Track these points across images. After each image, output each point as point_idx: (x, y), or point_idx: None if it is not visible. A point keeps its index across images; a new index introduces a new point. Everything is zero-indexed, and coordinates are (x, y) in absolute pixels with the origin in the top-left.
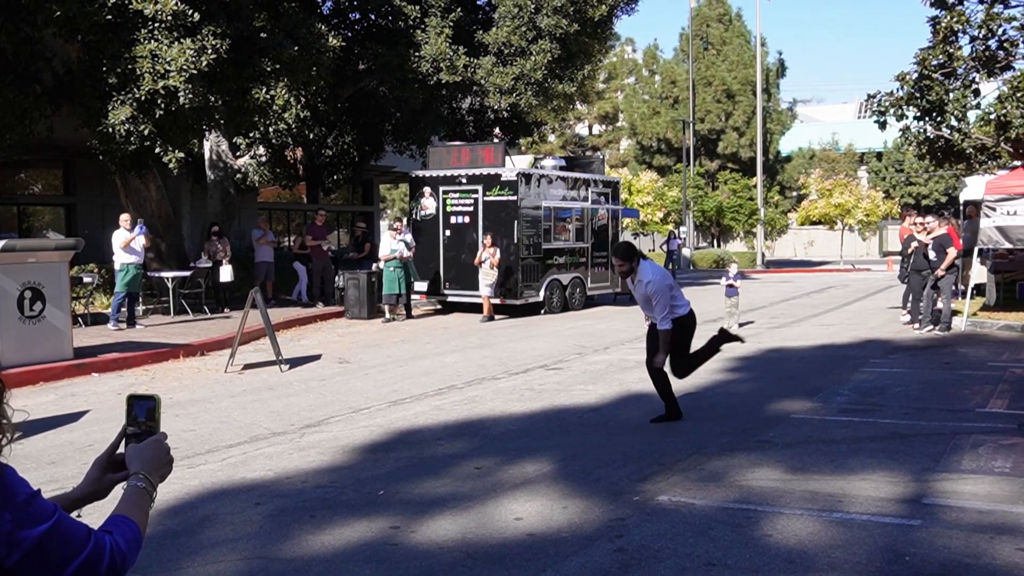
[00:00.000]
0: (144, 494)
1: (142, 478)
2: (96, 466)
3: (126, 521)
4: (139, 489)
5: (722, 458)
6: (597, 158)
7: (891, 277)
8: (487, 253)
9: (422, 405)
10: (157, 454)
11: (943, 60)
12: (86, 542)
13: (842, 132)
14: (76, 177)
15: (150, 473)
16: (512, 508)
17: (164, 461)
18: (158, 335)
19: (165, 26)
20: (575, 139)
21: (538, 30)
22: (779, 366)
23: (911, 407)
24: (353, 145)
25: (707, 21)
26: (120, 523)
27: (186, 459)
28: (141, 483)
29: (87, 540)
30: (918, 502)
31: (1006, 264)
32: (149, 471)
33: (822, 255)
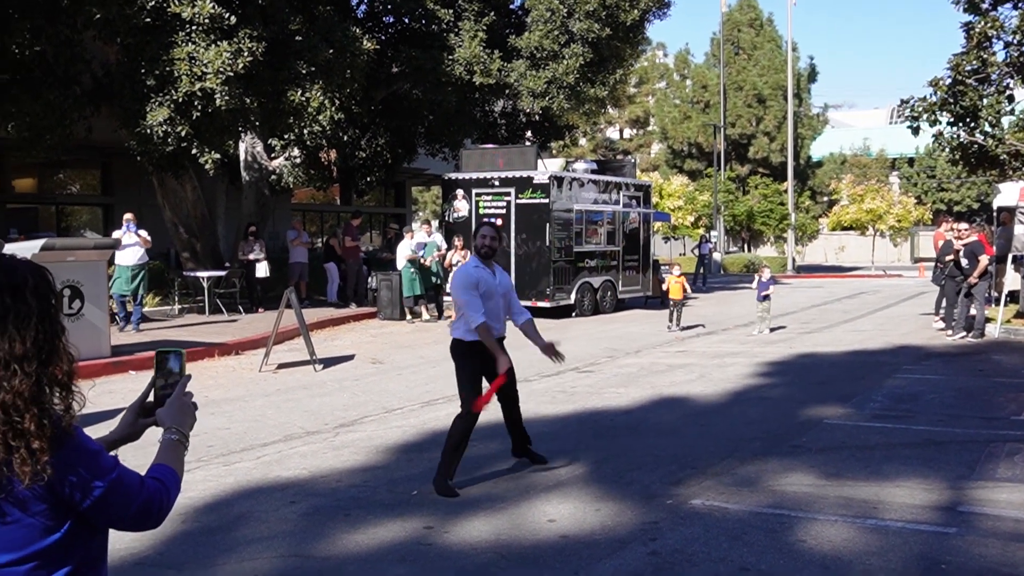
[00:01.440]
0: (178, 445)
1: (175, 431)
2: (130, 411)
3: (168, 468)
4: (173, 441)
5: (755, 463)
6: (629, 162)
7: (923, 283)
8: (458, 256)
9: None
10: (182, 409)
11: (977, 66)
12: (141, 489)
13: (874, 137)
14: (114, 177)
15: (181, 426)
16: (545, 510)
17: (189, 413)
18: (193, 334)
19: (202, 29)
20: (606, 143)
21: (570, 34)
22: (811, 371)
23: (945, 414)
24: (386, 147)
25: (738, 26)
26: (163, 470)
27: (221, 457)
28: (175, 435)
29: (141, 487)
30: (953, 510)
31: None
32: (180, 424)
33: (853, 260)
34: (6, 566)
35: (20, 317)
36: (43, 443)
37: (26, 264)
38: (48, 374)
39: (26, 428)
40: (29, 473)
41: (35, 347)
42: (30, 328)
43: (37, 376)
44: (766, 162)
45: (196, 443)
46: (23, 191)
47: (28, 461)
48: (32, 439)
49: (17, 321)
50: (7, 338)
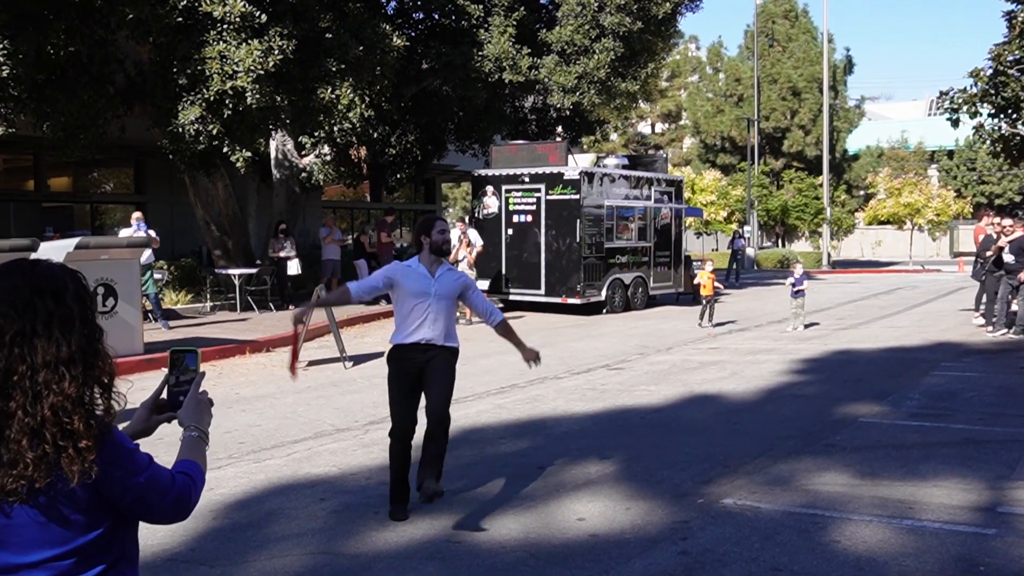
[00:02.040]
0: (199, 441)
1: (194, 428)
2: (144, 408)
3: (193, 463)
4: (194, 438)
5: (788, 461)
6: (660, 157)
7: (962, 278)
8: (463, 252)
9: (484, 403)
10: (199, 407)
11: (1019, 55)
12: (173, 483)
13: (912, 130)
14: (147, 176)
15: (199, 423)
16: (575, 508)
17: (206, 410)
18: (225, 331)
19: (233, 27)
20: (638, 137)
21: (601, 28)
22: (847, 368)
23: (985, 412)
24: (416, 144)
25: (772, 18)
26: (189, 465)
27: (252, 454)
28: (195, 433)
29: (173, 482)
30: (992, 510)
31: None
32: (198, 422)
33: (890, 255)
34: (49, 561)
35: (64, 321)
36: (90, 442)
37: (64, 269)
38: (91, 375)
39: (75, 428)
40: (77, 472)
41: (79, 350)
42: (73, 332)
43: (83, 378)
44: (801, 156)
45: (228, 440)
46: (58, 190)
47: (76, 460)
48: (80, 439)
49: (62, 325)
50: (53, 342)
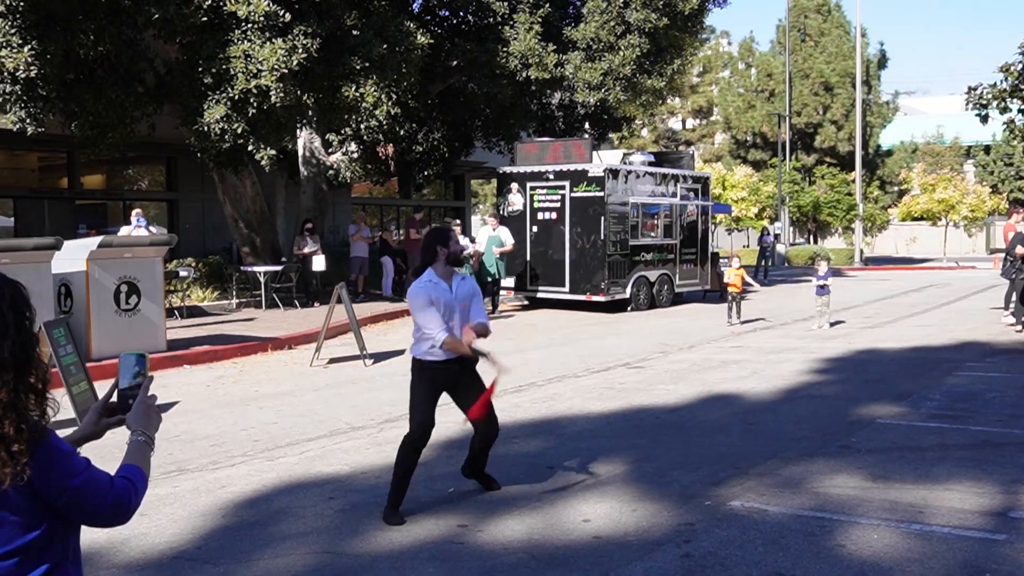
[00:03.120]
0: (144, 446)
1: (141, 433)
2: (93, 412)
3: (136, 468)
4: (140, 443)
5: (801, 463)
6: (687, 153)
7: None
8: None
9: (501, 402)
10: (147, 411)
11: None
12: (111, 487)
13: (948, 124)
14: (178, 174)
15: (146, 428)
16: (581, 509)
17: (154, 415)
18: (249, 328)
19: (258, 26)
20: (668, 133)
21: (627, 25)
22: (868, 368)
23: (1006, 414)
24: (443, 141)
25: (805, 12)
26: (131, 470)
27: (266, 452)
28: (141, 437)
29: (111, 485)
30: (1005, 515)
31: None
32: (145, 427)
33: (925, 252)
34: None
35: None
36: (22, 446)
37: (2, 278)
38: (24, 382)
39: (5, 433)
40: (9, 475)
41: (12, 357)
42: (7, 339)
43: (15, 384)
44: (833, 151)
45: (243, 438)
46: (92, 187)
47: (8, 463)
48: (11, 443)
49: None
50: None
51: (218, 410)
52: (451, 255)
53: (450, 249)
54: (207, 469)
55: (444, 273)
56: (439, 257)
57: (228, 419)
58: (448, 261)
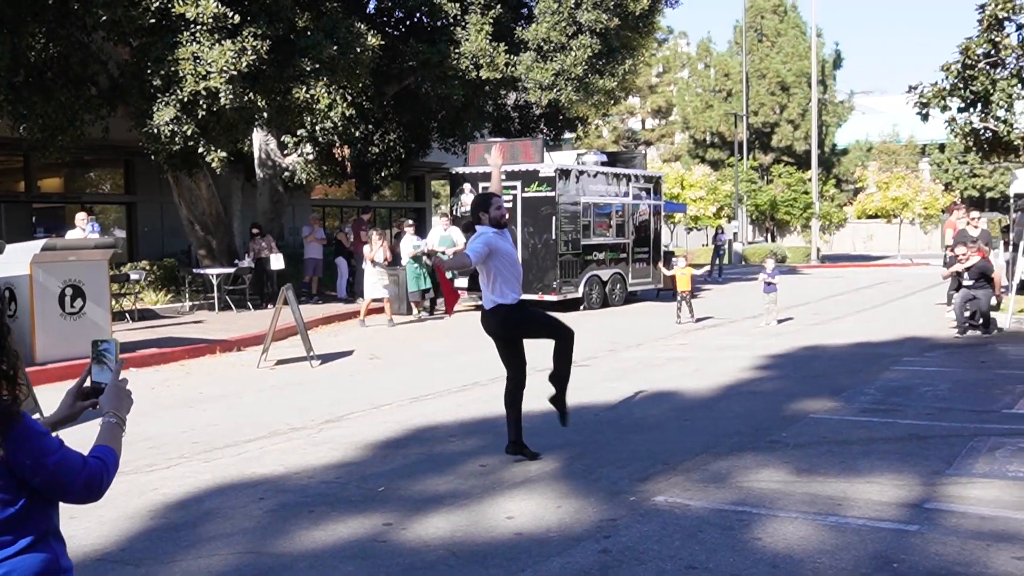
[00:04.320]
0: (116, 427)
1: (112, 415)
2: (68, 395)
3: (108, 448)
4: (112, 424)
5: (729, 458)
6: (639, 153)
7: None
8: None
9: (443, 401)
10: (119, 395)
11: (988, 49)
12: (84, 466)
13: (903, 123)
14: (135, 176)
15: (118, 409)
16: (506, 507)
17: (126, 397)
18: (199, 331)
19: (206, 28)
20: (628, 133)
21: (578, 25)
22: (809, 364)
23: (935, 407)
24: (399, 142)
25: (761, 13)
26: (103, 450)
27: (204, 453)
28: (113, 419)
29: (84, 464)
30: (920, 506)
31: None
32: (117, 408)
33: (882, 249)
34: None
35: None
36: None
37: None
38: None
39: None
40: None
41: None
42: None
43: None
44: (790, 150)
45: (182, 439)
46: (49, 191)
47: None
48: None
49: None
50: None
51: (160, 412)
52: (492, 218)
53: (491, 213)
54: (142, 471)
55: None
56: (483, 221)
57: (169, 421)
58: (492, 223)
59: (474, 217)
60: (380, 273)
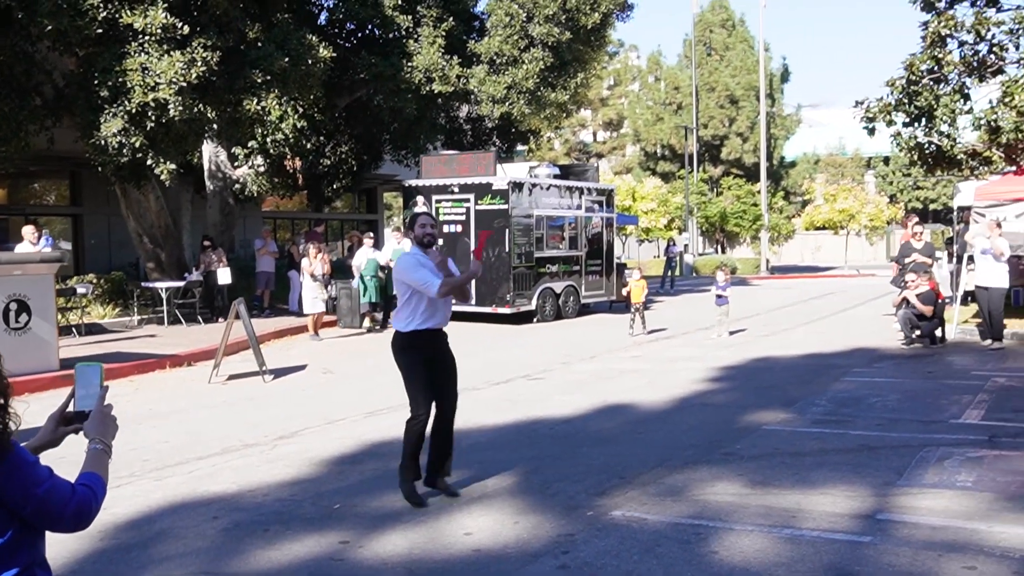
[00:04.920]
0: (103, 454)
1: (98, 441)
2: (50, 420)
3: (95, 475)
4: (98, 451)
5: (684, 471)
6: (592, 166)
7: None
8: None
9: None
10: (104, 420)
11: (931, 65)
12: (73, 494)
13: (849, 136)
14: (82, 188)
15: (103, 436)
16: (464, 523)
17: (111, 423)
18: (148, 346)
19: (155, 39)
20: (579, 146)
21: (530, 39)
22: (761, 375)
23: (885, 418)
24: (351, 154)
25: (710, 27)
26: (91, 477)
27: (154, 471)
28: (99, 445)
29: (73, 493)
30: (872, 517)
31: None
32: (102, 435)
33: (830, 260)
34: None
35: None
36: None
37: None
38: None
39: None
40: None
41: None
42: None
43: None
44: (739, 163)
45: (132, 457)
46: None
47: None
48: None
49: None
50: None
51: None
52: (415, 237)
53: (415, 232)
54: None
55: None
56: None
57: (118, 438)
58: (416, 243)
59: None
60: (319, 286)
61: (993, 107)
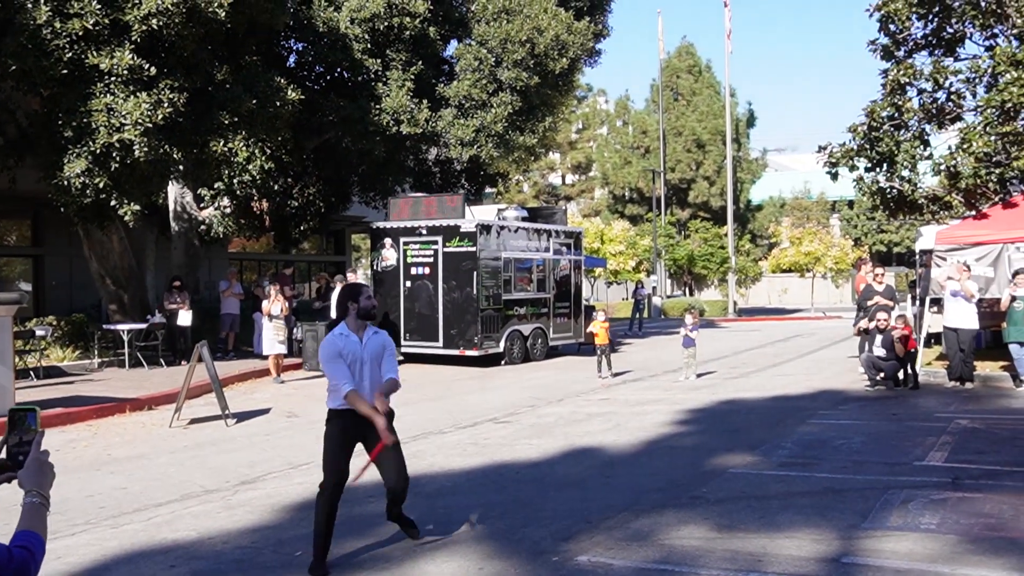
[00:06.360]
0: (40, 507)
1: (35, 493)
2: None
3: (33, 535)
4: (35, 504)
5: (651, 515)
6: (560, 209)
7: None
8: (278, 305)
9: (362, 461)
10: (40, 468)
11: (891, 112)
12: (10, 559)
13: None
14: (44, 228)
15: (40, 487)
16: (428, 570)
17: (48, 471)
18: (108, 389)
19: (121, 80)
20: (548, 188)
21: (499, 83)
22: (728, 418)
23: (850, 461)
24: (319, 196)
25: (677, 72)
26: (28, 537)
27: (111, 519)
28: (35, 498)
29: (10, 558)
30: (837, 561)
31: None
32: (39, 485)
33: (796, 303)
34: None
35: None
36: None
37: None
38: None
39: None
40: None
41: None
42: None
43: None
44: (706, 206)
45: (88, 505)
46: None
47: None
48: None
49: None
50: None
51: (65, 476)
52: (361, 309)
53: (360, 304)
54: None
55: (356, 327)
56: (350, 311)
57: (75, 485)
58: (358, 315)
59: (340, 310)
60: (278, 327)
61: (952, 153)
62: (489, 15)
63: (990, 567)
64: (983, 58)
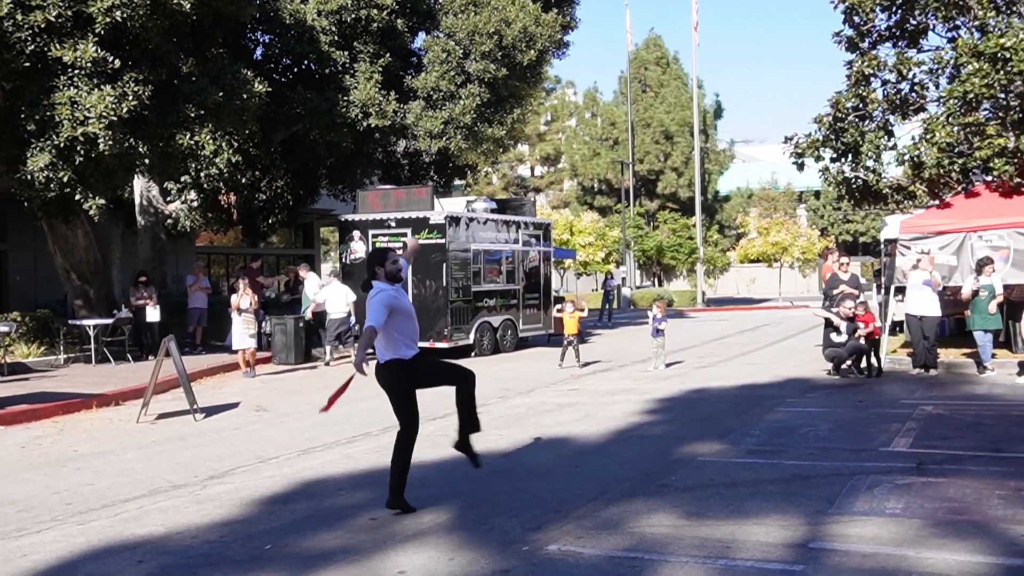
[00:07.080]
0: None
1: None
2: None
3: None
4: None
5: (620, 504)
6: (528, 200)
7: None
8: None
9: (332, 454)
10: None
11: (856, 103)
12: None
13: (781, 171)
14: (8, 223)
15: None
16: (398, 561)
17: None
18: (74, 385)
19: (85, 73)
20: (517, 180)
21: (467, 75)
22: (696, 407)
23: (817, 447)
24: (287, 189)
25: (645, 64)
26: None
27: (78, 515)
28: None
29: None
30: (805, 546)
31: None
32: None
33: (764, 292)
34: None
35: None
36: None
37: None
38: None
39: None
40: None
41: None
42: None
43: None
44: (675, 197)
45: (54, 501)
46: None
47: None
48: None
49: None
50: None
51: (30, 473)
52: (388, 272)
53: (386, 268)
54: (10, 537)
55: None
56: (379, 274)
57: (40, 482)
58: (387, 277)
59: (370, 272)
60: (247, 321)
61: (916, 143)
62: (457, 7)
63: (954, 550)
64: (946, 49)
